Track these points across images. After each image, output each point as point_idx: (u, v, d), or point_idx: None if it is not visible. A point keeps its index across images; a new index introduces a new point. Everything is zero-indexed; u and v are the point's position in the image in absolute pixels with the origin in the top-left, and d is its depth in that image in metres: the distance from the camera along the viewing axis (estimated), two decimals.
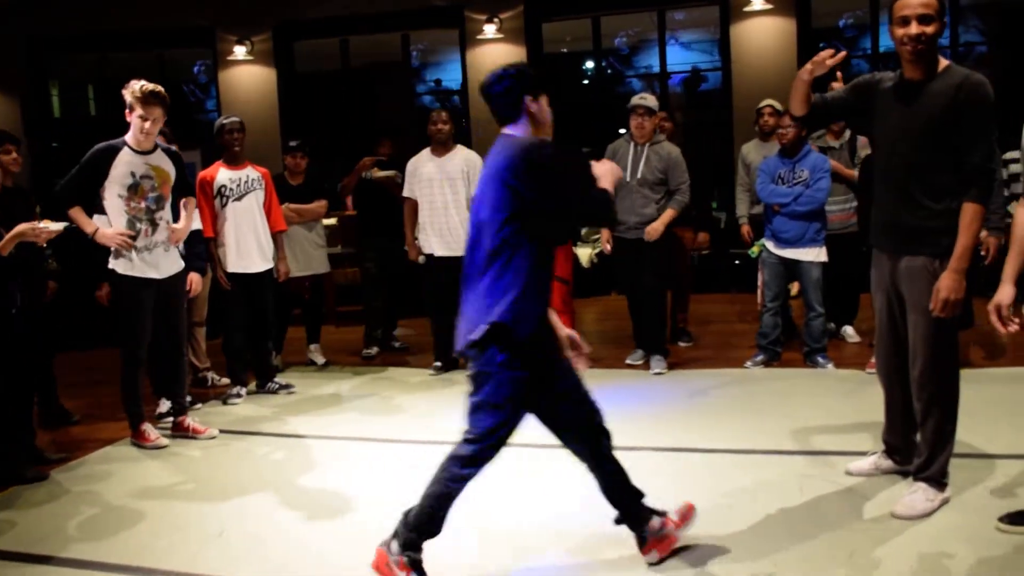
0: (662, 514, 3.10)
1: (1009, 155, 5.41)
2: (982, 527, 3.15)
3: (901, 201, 3.31)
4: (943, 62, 3.26)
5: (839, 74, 4.40)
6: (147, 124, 4.59)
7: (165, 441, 4.79)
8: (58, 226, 4.48)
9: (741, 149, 6.66)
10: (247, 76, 10.62)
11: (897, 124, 3.31)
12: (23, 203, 4.90)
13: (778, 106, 6.35)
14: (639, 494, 3.09)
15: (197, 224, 5.49)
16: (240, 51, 10.46)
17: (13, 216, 4.36)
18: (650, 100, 5.87)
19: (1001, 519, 3.13)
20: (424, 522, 2.90)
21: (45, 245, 4.94)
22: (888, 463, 3.72)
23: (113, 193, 4.62)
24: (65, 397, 5.56)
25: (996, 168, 3.23)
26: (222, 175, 5.71)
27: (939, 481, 3.37)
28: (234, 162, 5.78)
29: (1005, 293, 3.05)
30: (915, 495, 3.35)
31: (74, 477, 4.40)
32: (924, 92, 3.23)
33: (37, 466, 4.44)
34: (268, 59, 10.57)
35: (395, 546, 2.91)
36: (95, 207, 4.73)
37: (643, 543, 3.08)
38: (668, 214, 5.80)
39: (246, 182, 5.75)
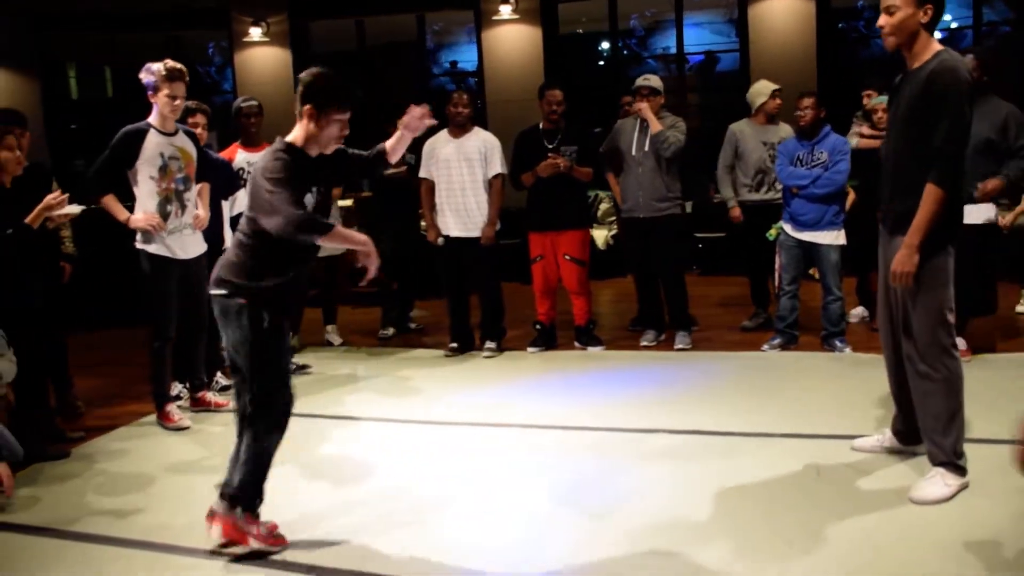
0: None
1: None
2: (1001, 513, 3.13)
3: (891, 187, 3.43)
4: (934, 48, 3.30)
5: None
6: (176, 102, 4.63)
7: (188, 422, 4.83)
8: (75, 209, 4.50)
9: (730, 128, 6.39)
10: (263, 57, 10.63)
11: (891, 114, 3.50)
12: (42, 181, 4.92)
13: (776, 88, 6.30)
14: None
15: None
16: (256, 32, 10.46)
17: (34, 194, 4.36)
18: (654, 81, 5.91)
19: None
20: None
21: (61, 226, 4.99)
22: (893, 441, 3.76)
23: (145, 175, 4.65)
24: (82, 377, 5.61)
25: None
26: (240, 157, 5.73)
27: (955, 465, 3.34)
28: (252, 144, 5.80)
29: None
30: (932, 479, 3.33)
31: (94, 455, 4.45)
32: (910, 81, 3.35)
33: (58, 444, 4.50)
34: (284, 40, 10.57)
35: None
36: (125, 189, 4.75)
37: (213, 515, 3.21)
38: (657, 124, 5.79)
39: None
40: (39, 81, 10.82)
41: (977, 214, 4.79)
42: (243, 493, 3.17)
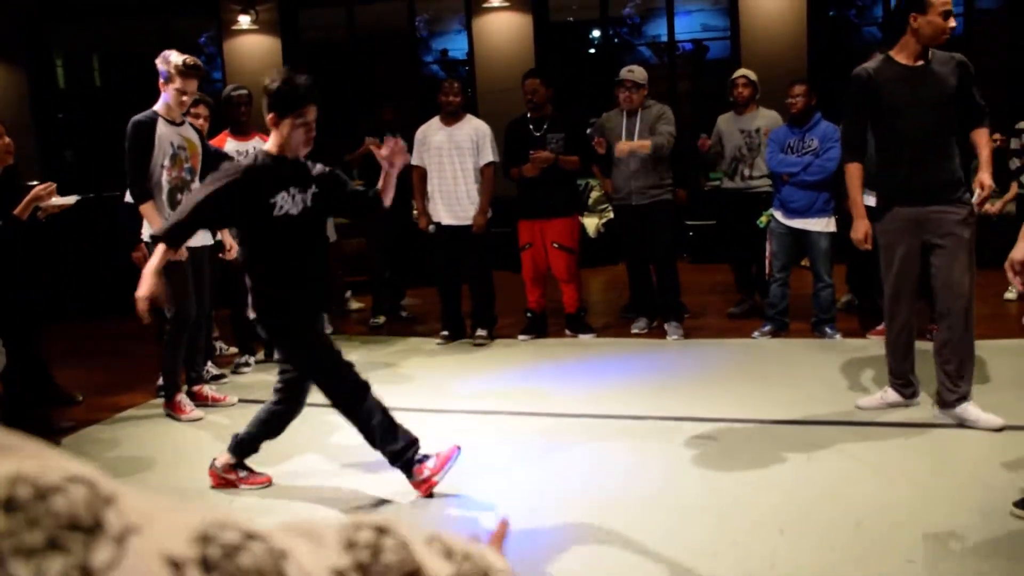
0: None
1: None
2: (994, 503, 3.12)
3: (922, 163, 3.87)
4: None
5: None
6: (185, 98, 4.61)
7: (200, 414, 4.77)
8: (69, 200, 4.48)
9: (717, 121, 6.47)
10: (252, 46, 10.56)
11: (909, 102, 3.86)
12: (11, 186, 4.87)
13: (752, 76, 6.27)
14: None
15: None
16: (245, 20, 10.39)
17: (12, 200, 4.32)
18: (637, 73, 5.86)
19: (1016, 504, 3.04)
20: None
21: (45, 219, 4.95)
22: (894, 396, 4.12)
23: (156, 164, 4.60)
24: (71, 367, 5.58)
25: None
26: (229, 146, 5.69)
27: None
28: (241, 133, 5.76)
29: (1020, 250, 3.06)
30: (969, 410, 3.87)
31: (83, 446, 4.43)
32: (930, 73, 3.86)
33: (47, 435, 4.48)
34: (273, 28, 10.51)
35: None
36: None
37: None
38: (644, 143, 5.72)
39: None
40: (26, 71, 10.74)
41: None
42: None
